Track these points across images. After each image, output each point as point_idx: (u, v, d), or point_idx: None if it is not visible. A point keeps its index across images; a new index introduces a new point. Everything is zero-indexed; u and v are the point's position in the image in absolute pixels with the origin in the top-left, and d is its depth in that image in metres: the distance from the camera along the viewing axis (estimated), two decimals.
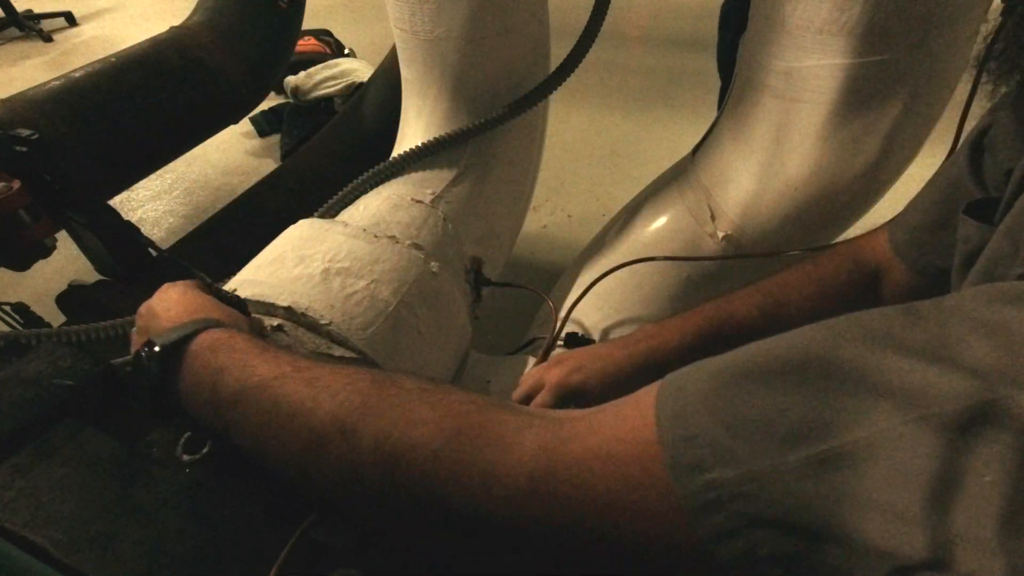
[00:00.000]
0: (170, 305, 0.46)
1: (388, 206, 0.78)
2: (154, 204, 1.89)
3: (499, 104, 0.83)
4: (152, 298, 0.48)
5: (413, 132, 0.91)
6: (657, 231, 0.89)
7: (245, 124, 2.11)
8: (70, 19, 3.23)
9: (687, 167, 0.91)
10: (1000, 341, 0.23)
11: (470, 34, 0.78)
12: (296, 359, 0.39)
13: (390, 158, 0.84)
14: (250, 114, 1.61)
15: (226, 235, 1.17)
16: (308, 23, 1.64)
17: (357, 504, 0.35)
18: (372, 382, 0.35)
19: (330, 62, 2.17)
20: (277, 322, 0.58)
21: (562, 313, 0.82)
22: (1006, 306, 0.24)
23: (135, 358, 0.42)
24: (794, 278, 0.60)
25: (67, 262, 1.15)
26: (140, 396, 0.41)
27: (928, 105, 0.71)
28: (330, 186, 0.83)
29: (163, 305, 0.46)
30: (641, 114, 2.18)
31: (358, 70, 2.12)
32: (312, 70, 2.12)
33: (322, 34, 2.49)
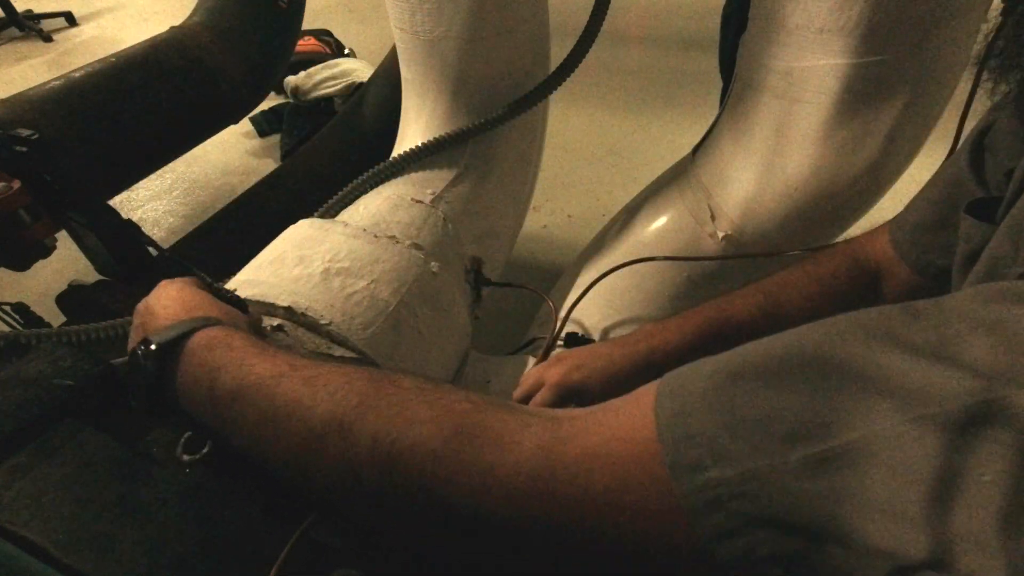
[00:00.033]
0: (168, 302, 0.45)
1: (388, 206, 0.78)
2: (154, 204, 1.89)
3: (499, 104, 0.83)
4: (150, 295, 0.48)
5: (413, 132, 0.91)
6: (657, 231, 0.89)
7: (245, 124, 2.11)
8: (70, 19, 3.23)
9: (687, 167, 0.91)
10: (1000, 340, 0.23)
11: (470, 34, 0.78)
12: (294, 358, 0.38)
13: (390, 158, 0.84)
14: (250, 114, 1.61)
15: (226, 235, 1.17)
16: (308, 23, 1.64)
17: (355, 503, 0.35)
18: (370, 381, 0.35)
19: (330, 62, 2.17)
20: (277, 322, 0.58)
21: (562, 313, 0.82)
22: (1006, 305, 0.24)
23: (131, 356, 0.41)
24: (794, 277, 0.60)
25: (67, 262, 1.15)
26: (137, 394, 0.41)
27: (928, 105, 0.71)
28: (330, 186, 0.83)
29: (161, 302, 0.46)
30: (641, 114, 2.17)
31: (358, 70, 2.12)
32: (312, 70, 2.12)
33: (322, 34, 2.49)
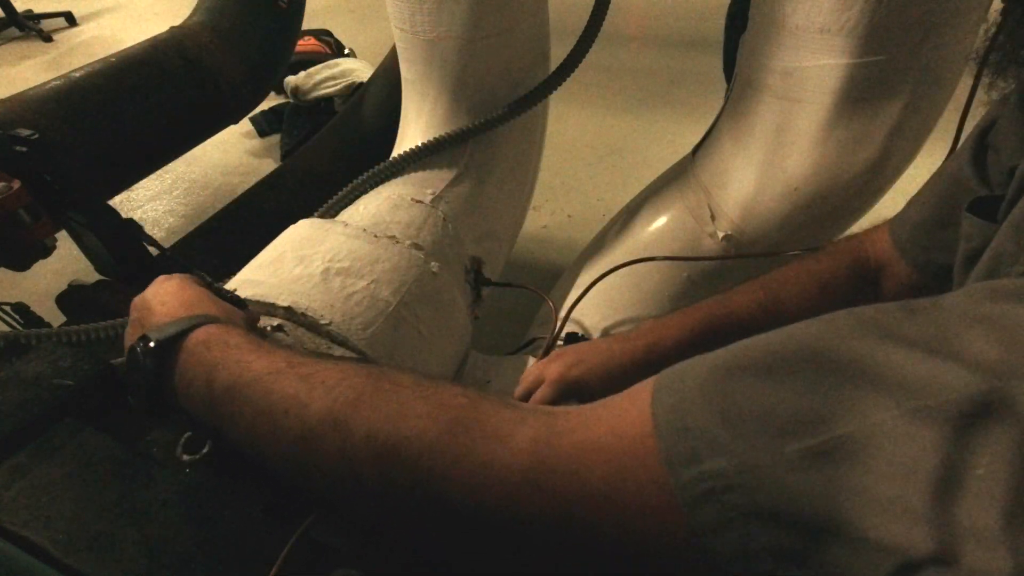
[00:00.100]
0: (166, 298, 0.45)
1: (388, 206, 0.78)
2: (154, 204, 1.89)
3: (499, 104, 0.83)
4: (147, 290, 0.47)
5: (413, 132, 0.91)
6: (657, 231, 0.89)
7: (245, 124, 2.11)
8: (70, 19, 3.23)
9: (687, 167, 0.91)
10: (1000, 336, 0.22)
11: (470, 34, 0.78)
12: (291, 355, 0.38)
13: (390, 158, 0.84)
14: (250, 114, 1.61)
15: (226, 235, 1.17)
16: (308, 23, 1.64)
17: (353, 499, 0.34)
18: (367, 377, 0.35)
19: (330, 62, 2.17)
20: (277, 322, 0.58)
21: (562, 313, 0.82)
22: (1006, 302, 0.24)
23: (130, 353, 0.41)
24: (794, 275, 0.60)
25: (67, 262, 1.15)
26: (136, 392, 0.41)
27: (928, 105, 0.71)
28: (330, 186, 0.83)
29: (158, 298, 0.45)
30: (641, 114, 2.17)
31: (358, 70, 2.12)
32: (312, 70, 2.12)
33: (322, 34, 2.49)
